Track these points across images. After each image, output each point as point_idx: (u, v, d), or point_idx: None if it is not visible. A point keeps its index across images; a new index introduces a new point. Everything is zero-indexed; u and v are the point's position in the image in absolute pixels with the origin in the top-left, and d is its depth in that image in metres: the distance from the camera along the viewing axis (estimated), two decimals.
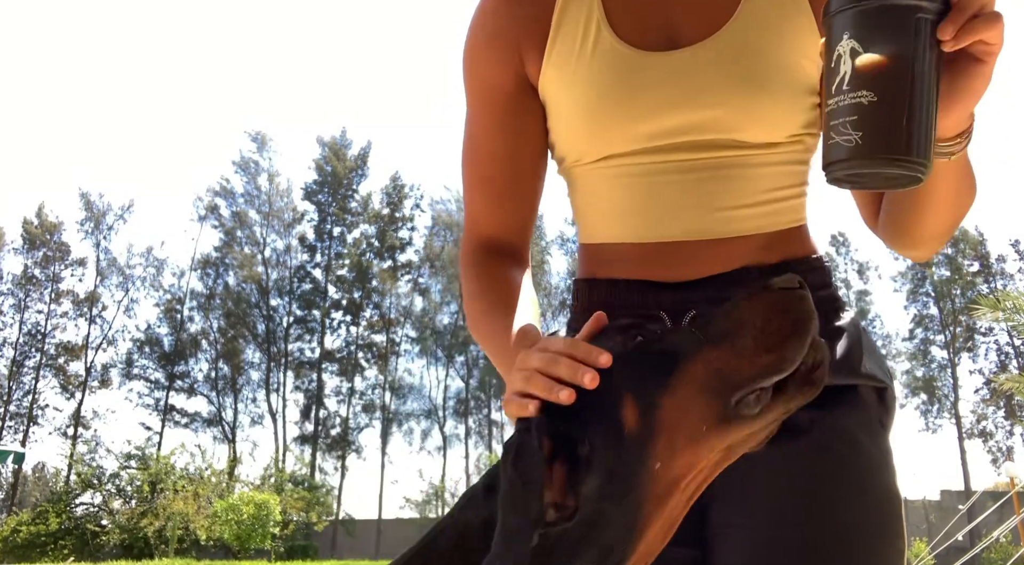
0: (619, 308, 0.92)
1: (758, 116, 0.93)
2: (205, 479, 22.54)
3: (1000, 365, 36.58)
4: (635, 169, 0.96)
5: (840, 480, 0.88)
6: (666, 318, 0.92)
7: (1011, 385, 11.11)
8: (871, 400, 0.94)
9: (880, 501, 0.89)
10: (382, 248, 41.54)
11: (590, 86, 0.97)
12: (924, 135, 0.65)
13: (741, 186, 0.95)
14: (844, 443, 0.90)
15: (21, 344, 37.03)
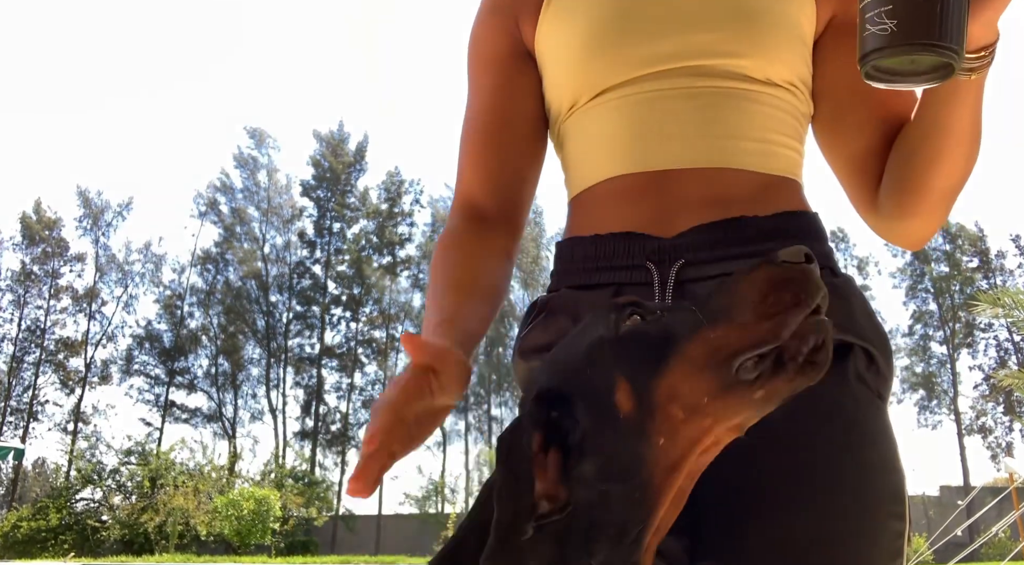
0: (604, 262, 0.91)
1: (755, 44, 0.92)
2: (205, 475, 22.56)
3: (999, 361, 36.60)
4: (632, 98, 0.94)
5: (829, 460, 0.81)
6: (653, 269, 0.88)
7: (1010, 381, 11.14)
8: (861, 363, 0.86)
9: (870, 476, 0.81)
10: (381, 244, 41.52)
11: (588, 19, 0.97)
12: (957, 23, 0.66)
13: (738, 117, 0.93)
14: (835, 420, 0.83)
15: (21, 340, 37.04)
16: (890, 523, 0.80)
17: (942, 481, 39.19)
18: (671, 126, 0.92)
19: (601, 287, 0.91)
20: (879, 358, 0.87)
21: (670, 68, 0.93)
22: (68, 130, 58.17)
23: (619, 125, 0.95)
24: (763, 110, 0.94)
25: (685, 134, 0.92)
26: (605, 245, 0.93)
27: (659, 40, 0.94)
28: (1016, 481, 14.62)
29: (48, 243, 38.04)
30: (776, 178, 0.94)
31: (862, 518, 0.79)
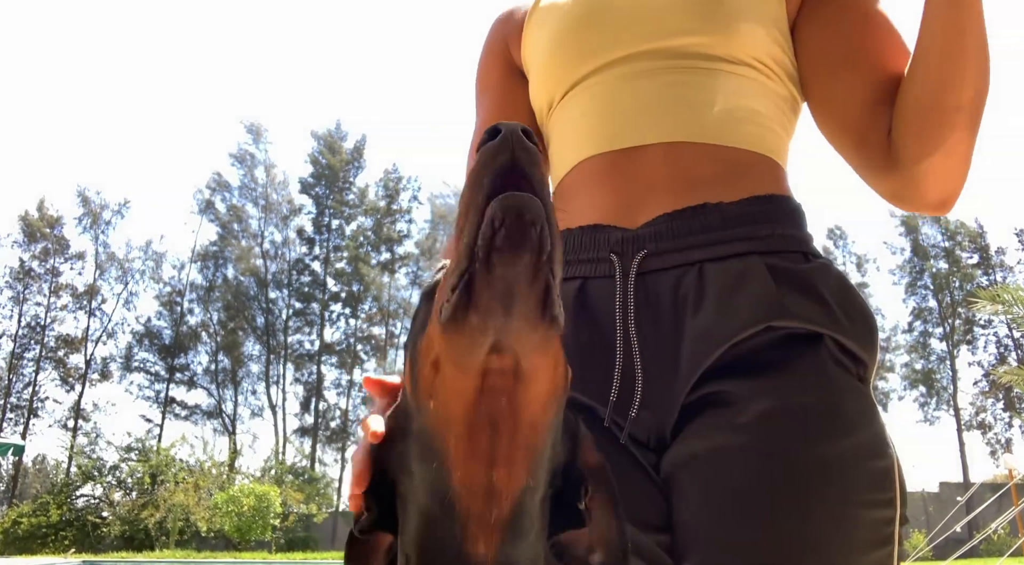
0: (571, 256, 0.92)
1: (717, 23, 0.93)
2: (205, 471, 22.56)
3: (999, 357, 36.61)
4: (599, 85, 0.96)
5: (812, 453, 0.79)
6: (616, 261, 0.88)
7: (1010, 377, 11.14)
8: (834, 348, 0.84)
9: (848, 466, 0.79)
10: (379, 241, 41.52)
11: (556, 20, 1.02)
12: None
13: (700, 92, 0.92)
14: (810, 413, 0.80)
15: (21, 336, 37.04)
16: (870, 513, 0.78)
17: (941, 477, 39.29)
18: (636, 105, 0.93)
19: (569, 280, 0.91)
20: (850, 344, 0.84)
21: (634, 52, 0.95)
22: (68, 128, 58.16)
23: (588, 109, 0.96)
24: (727, 85, 0.93)
25: (649, 110, 0.92)
26: (574, 239, 0.93)
27: (622, 28, 0.96)
28: (1015, 477, 14.63)
29: (49, 240, 38.03)
30: (745, 153, 0.92)
31: (835, 512, 0.77)
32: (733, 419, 0.80)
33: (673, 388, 0.83)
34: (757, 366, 0.81)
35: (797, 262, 0.87)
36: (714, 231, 0.86)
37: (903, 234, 39.67)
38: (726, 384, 0.81)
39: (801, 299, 0.83)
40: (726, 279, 0.84)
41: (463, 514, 0.54)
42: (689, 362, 0.82)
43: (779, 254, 0.86)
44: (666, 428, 0.84)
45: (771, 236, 0.87)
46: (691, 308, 0.84)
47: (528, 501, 0.55)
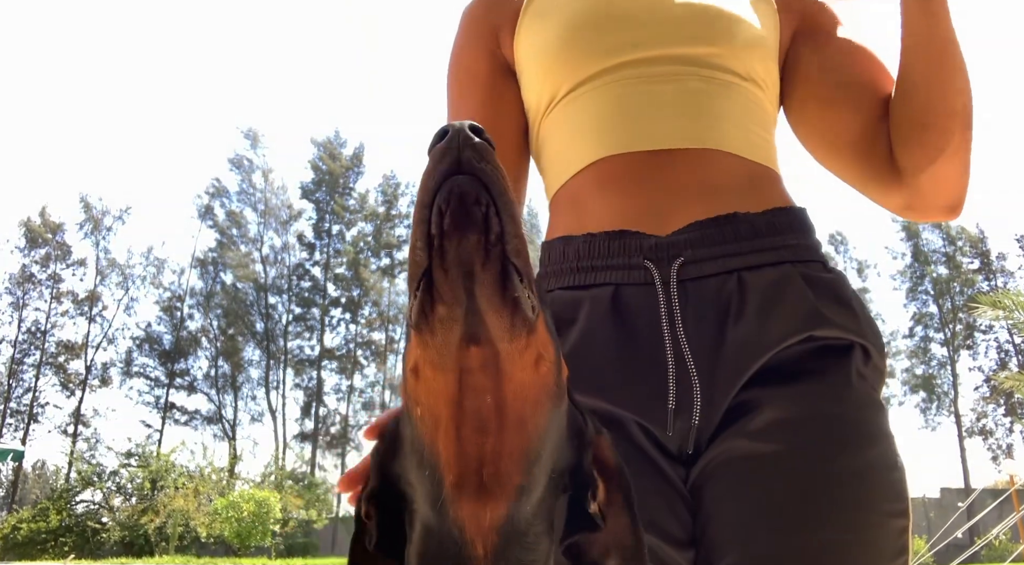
0: (599, 261, 0.89)
1: (728, 38, 0.94)
2: (205, 476, 22.51)
3: (1000, 363, 36.57)
4: (615, 84, 0.95)
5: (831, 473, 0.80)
6: (653, 269, 0.86)
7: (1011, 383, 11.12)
8: (860, 360, 0.86)
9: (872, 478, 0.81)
10: (379, 246, 41.54)
11: (564, 16, 0.99)
12: None
13: (721, 103, 0.94)
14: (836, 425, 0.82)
15: (21, 342, 37.03)
16: (893, 522, 0.80)
17: (942, 483, 39.20)
18: (658, 107, 0.92)
19: (599, 286, 0.88)
20: (875, 354, 0.87)
21: (650, 55, 0.94)
22: (70, 134, 58.22)
23: (605, 107, 0.94)
24: (741, 100, 0.95)
25: (673, 114, 0.91)
26: (599, 243, 0.89)
27: (637, 29, 0.95)
28: (1017, 483, 14.61)
29: (50, 246, 38.05)
30: (760, 167, 0.94)
31: (866, 521, 0.78)
32: (765, 427, 0.81)
33: (716, 397, 0.82)
34: (792, 375, 0.83)
35: (823, 271, 0.89)
36: (747, 240, 0.86)
37: (904, 239, 39.67)
38: (760, 392, 0.82)
39: (837, 309, 0.85)
40: (766, 287, 0.84)
41: (458, 518, 0.54)
42: (731, 371, 0.82)
43: (806, 263, 0.88)
44: (704, 437, 0.84)
45: (798, 246, 0.89)
46: (733, 316, 0.84)
47: (524, 501, 0.54)
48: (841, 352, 0.84)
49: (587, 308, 0.87)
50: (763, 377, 0.82)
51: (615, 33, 0.95)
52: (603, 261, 0.89)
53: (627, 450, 0.78)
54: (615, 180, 0.91)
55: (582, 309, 0.87)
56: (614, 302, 0.87)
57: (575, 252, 0.91)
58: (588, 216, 0.92)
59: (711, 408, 0.82)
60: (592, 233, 0.90)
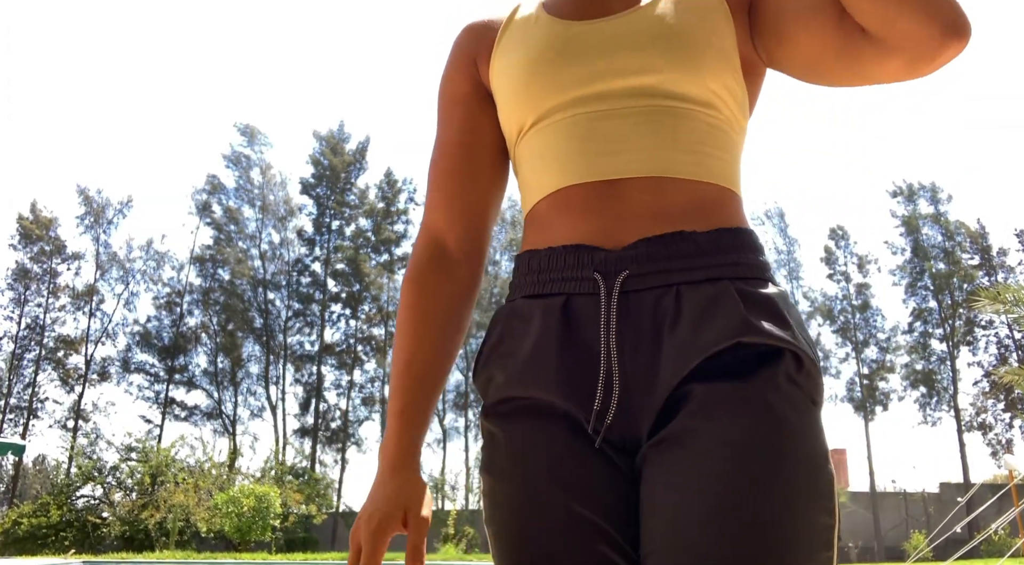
0: (556, 274, 0.99)
1: (679, 62, 1.00)
2: (205, 472, 22.53)
3: (1000, 358, 36.60)
4: (571, 118, 1.02)
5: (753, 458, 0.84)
6: (600, 280, 0.95)
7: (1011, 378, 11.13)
8: (791, 366, 0.91)
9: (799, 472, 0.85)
10: (378, 242, 41.53)
11: (526, 52, 1.08)
12: None
13: (669, 131, 0.99)
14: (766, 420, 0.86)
15: (20, 337, 37.05)
16: (820, 518, 0.85)
17: (942, 478, 39.29)
18: (613, 141, 1.00)
19: (553, 296, 0.98)
20: (807, 363, 0.92)
21: (602, 90, 1.01)
22: (64, 128, 58.14)
23: (564, 141, 1.02)
24: (691, 124, 1.00)
25: (626, 147, 0.99)
26: (558, 257, 0.99)
27: (591, 62, 1.02)
28: (1016, 478, 14.64)
29: (45, 241, 38.03)
30: (711, 187, 1.00)
31: (793, 512, 0.82)
32: (692, 408, 0.88)
33: (652, 397, 0.91)
34: (723, 375, 0.89)
35: (761, 287, 0.95)
36: (689, 257, 0.94)
37: (904, 234, 39.67)
38: (694, 386, 0.89)
39: (767, 319, 0.92)
40: (701, 300, 0.92)
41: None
42: (667, 373, 0.90)
43: (745, 280, 0.95)
44: (642, 432, 0.92)
45: (738, 264, 0.96)
46: (669, 325, 0.92)
47: None
48: (770, 357, 0.90)
49: (541, 314, 0.97)
50: (697, 377, 0.89)
51: (570, 67, 1.03)
52: (559, 273, 0.98)
53: (554, 433, 0.94)
54: (573, 206, 1.00)
55: (536, 315, 0.98)
56: (564, 310, 0.96)
57: (537, 264, 1.01)
58: (551, 233, 1.02)
59: (647, 407, 0.91)
60: (552, 247, 1.00)
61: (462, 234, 1.14)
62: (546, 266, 1.00)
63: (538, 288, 1.00)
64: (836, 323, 39.57)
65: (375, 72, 62.05)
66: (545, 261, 1.00)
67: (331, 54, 63.00)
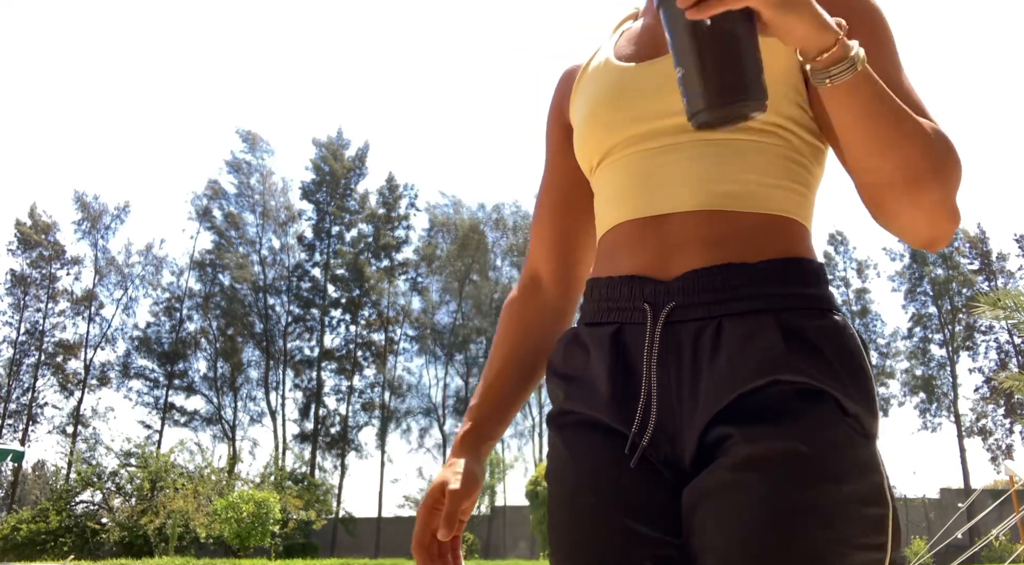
0: (612, 303, 1.05)
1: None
2: (205, 477, 22.51)
3: (1000, 363, 36.59)
4: (629, 156, 1.08)
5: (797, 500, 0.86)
6: (648, 310, 1.00)
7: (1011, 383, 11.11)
8: (831, 406, 0.91)
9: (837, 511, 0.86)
10: (378, 247, 41.55)
11: (593, 92, 1.15)
12: (719, 86, 0.79)
13: (720, 165, 1.02)
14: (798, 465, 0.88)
15: (19, 343, 37.02)
16: (862, 554, 0.86)
17: (942, 484, 39.27)
18: (663, 177, 1.04)
19: (608, 324, 1.05)
20: (847, 402, 0.92)
21: (655, 128, 1.05)
22: (64, 133, 58.20)
23: (622, 178, 1.09)
24: (744, 156, 1.02)
25: (675, 183, 1.03)
26: (615, 287, 1.05)
27: (644, 103, 1.06)
28: (1016, 483, 14.61)
29: (44, 247, 38.02)
30: (765, 217, 1.01)
31: (828, 553, 0.84)
32: (734, 461, 0.90)
33: (692, 424, 0.95)
34: (764, 414, 0.91)
35: (812, 319, 0.95)
36: (734, 289, 0.96)
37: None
38: (733, 428, 0.91)
39: (806, 357, 0.92)
40: (741, 334, 0.94)
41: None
42: (705, 404, 0.94)
43: (794, 311, 0.96)
44: (682, 456, 0.97)
45: (788, 295, 0.97)
46: (708, 358, 0.95)
47: None
48: (815, 395, 0.91)
49: (596, 342, 1.04)
50: (739, 415, 0.92)
51: (626, 109, 1.08)
52: (615, 302, 1.04)
53: (599, 444, 1.00)
54: (630, 239, 1.06)
55: (593, 342, 1.05)
56: (616, 337, 1.03)
57: (599, 293, 1.08)
58: (613, 264, 1.08)
59: (687, 434, 0.95)
60: (611, 277, 1.07)
61: (556, 267, 1.26)
62: (605, 295, 1.07)
63: (597, 317, 1.07)
64: None
65: (375, 77, 62.17)
66: (605, 290, 1.07)
67: (331, 60, 63.13)
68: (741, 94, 0.80)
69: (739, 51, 0.81)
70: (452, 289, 41.00)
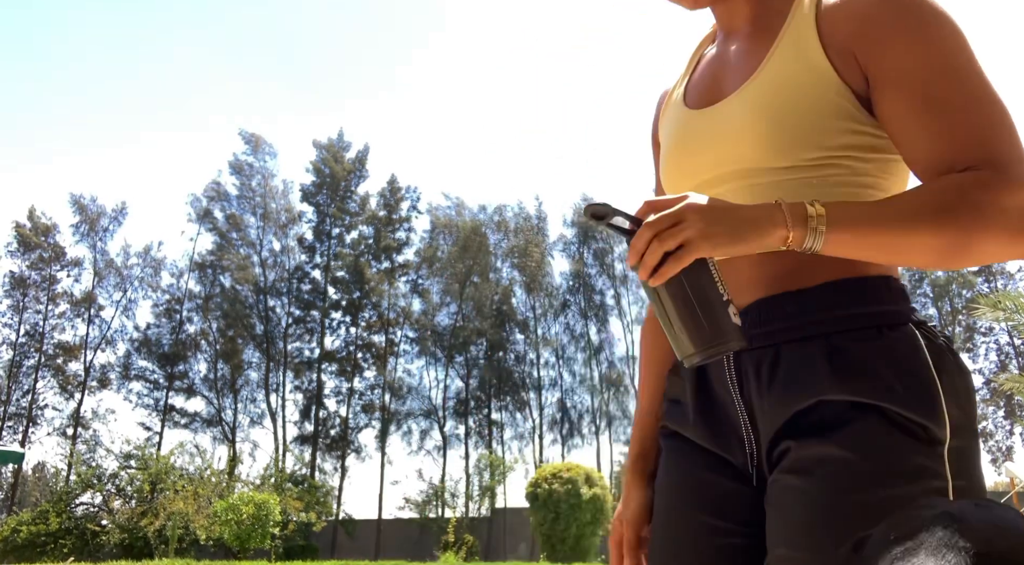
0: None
1: (773, 140, 1.06)
2: (205, 479, 22.50)
3: (1000, 365, 36.59)
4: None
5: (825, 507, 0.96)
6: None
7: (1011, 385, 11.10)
8: (874, 420, 0.96)
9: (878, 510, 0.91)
10: (379, 249, 41.55)
11: (666, 134, 1.27)
12: (692, 334, 0.93)
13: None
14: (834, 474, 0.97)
15: (19, 344, 37.02)
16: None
17: None
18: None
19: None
20: (903, 411, 0.95)
21: (714, 176, 1.14)
22: (64, 134, 58.25)
23: None
24: (794, 192, 1.06)
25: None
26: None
27: (703, 153, 1.16)
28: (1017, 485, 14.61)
29: (43, 248, 38.03)
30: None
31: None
32: (786, 467, 1.01)
33: (763, 441, 1.08)
34: (812, 429, 1.00)
35: (867, 337, 1.00)
36: (789, 317, 1.05)
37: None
38: (791, 442, 1.02)
39: (852, 376, 0.98)
40: (794, 359, 1.03)
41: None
42: (772, 423, 1.05)
43: (845, 333, 1.01)
44: (763, 468, 1.10)
45: (840, 318, 1.03)
46: (767, 383, 1.05)
47: None
48: (864, 409, 0.97)
49: (687, 373, 1.19)
50: (794, 430, 1.02)
51: (690, 158, 1.18)
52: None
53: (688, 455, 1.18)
54: None
55: (685, 372, 1.20)
56: (700, 368, 1.16)
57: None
58: None
59: (758, 453, 1.09)
60: None
61: None
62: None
63: None
64: None
65: (378, 78, 62.23)
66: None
67: (332, 60, 63.18)
68: (718, 339, 0.92)
69: (706, 301, 0.93)
70: (453, 291, 40.99)
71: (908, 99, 0.97)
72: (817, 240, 0.91)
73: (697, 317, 0.93)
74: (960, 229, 0.90)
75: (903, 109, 0.98)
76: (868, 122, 1.04)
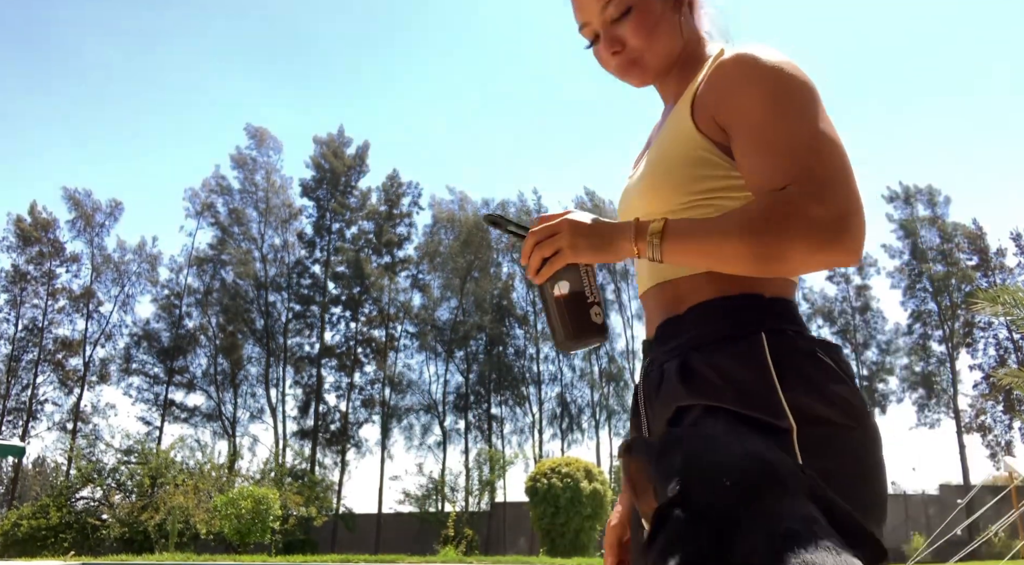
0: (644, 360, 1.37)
1: (651, 197, 1.28)
2: (205, 473, 22.54)
3: (999, 359, 36.62)
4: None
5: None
6: (645, 361, 1.33)
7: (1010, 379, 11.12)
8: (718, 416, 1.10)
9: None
10: (379, 244, 41.54)
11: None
12: (560, 328, 1.20)
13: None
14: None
15: (19, 339, 37.03)
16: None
17: (941, 480, 39.29)
18: (639, 265, 1.36)
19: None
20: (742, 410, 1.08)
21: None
22: (63, 130, 58.17)
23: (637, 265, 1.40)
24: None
25: (642, 271, 1.35)
26: (644, 348, 1.38)
27: (625, 210, 1.38)
28: (1015, 480, 14.65)
29: (42, 244, 38.00)
30: (693, 277, 1.24)
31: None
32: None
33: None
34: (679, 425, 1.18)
35: (714, 349, 1.15)
36: (668, 339, 1.25)
37: (901, 237, 39.71)
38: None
39: (698, 385, 1.13)
40: (669, 375, 1.20)
41: None
42: (657, 424, 1.23)
43: (699, 348, 1.17)
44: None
45: (696, 335, 1.20)
46: (653, 397, 1.24)
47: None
48: (703, 411, 1.12)
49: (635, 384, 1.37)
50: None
51: (622, 213, 1.41)
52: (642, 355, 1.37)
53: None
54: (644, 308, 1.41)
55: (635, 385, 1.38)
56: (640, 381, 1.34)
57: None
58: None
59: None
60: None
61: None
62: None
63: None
64: (836, 325, 39.61)
65: (379, 74, 62.11)
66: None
67: (332, 60, 63.06)
68: (579, 334, 1.18)
69: (573, 300, 1.17)
70: (453, 286, 41.00)
71: (745, 142, 1.14)
72: (655, 250, 1.12)
73: (564, 314, 1.17)
74: (770, 237, 1.04)
75: (742, 150, 1.15)
76: (732, 167, 1.20)
